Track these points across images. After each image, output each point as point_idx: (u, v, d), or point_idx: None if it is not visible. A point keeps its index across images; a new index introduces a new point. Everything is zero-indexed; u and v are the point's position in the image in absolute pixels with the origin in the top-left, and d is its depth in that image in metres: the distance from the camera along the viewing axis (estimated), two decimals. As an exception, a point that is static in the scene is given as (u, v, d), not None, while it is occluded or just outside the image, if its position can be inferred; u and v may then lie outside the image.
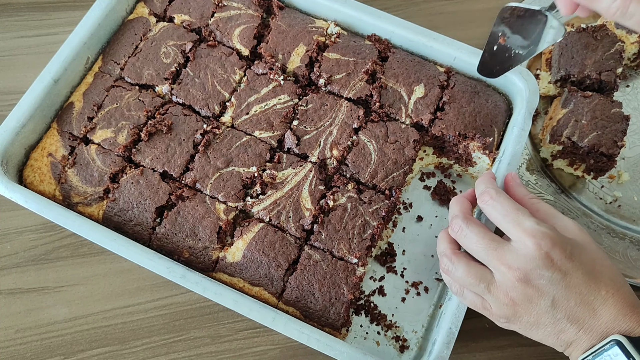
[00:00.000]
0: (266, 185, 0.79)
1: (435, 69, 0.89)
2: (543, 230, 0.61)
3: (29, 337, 0.82)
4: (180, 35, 0.89)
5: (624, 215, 0.90)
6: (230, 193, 0.79)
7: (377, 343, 0.80)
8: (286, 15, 0.91)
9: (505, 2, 1.05)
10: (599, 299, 0.61)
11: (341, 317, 0.74)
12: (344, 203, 0.79)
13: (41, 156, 0.81)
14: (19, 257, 0.87)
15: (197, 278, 0.72)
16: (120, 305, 0.84)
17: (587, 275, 0.61)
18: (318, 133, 0.83)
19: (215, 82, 0.86)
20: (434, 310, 0.81)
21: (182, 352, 0.82)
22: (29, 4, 1.05)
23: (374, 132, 0.83)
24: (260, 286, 0.76)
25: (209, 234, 0.77)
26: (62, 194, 0.80)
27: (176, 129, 0.82)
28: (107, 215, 0.79)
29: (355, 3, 0.89)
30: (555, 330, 0.62)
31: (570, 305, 0.61)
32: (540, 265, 0.60)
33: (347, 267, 0.76)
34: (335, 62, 0.87)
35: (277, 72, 0.86)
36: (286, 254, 0.76)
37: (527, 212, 0.64)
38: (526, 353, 0.82)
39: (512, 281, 0.61)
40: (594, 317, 0.60)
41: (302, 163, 0.81)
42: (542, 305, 0.61)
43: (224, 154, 0.81)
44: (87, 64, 0.88)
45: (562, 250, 0.61)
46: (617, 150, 0.85)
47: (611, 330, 0.60)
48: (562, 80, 0.93)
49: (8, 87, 0.98)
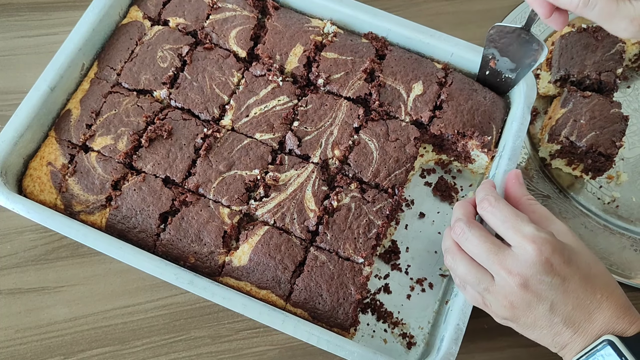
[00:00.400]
0: (269, 188, 0.79)
1: (432, 65, 0.89)
2: (543, 236, 0.63)
3: (29, 337, 0.82)
4: (176, 39, 0.88)
5: (622, 216, 0.91)
6: (233, 197, 0.79)
7: (385, 341, 0.80)
8: (282, 15, 0.91)
9: (501, 4, 1.06)
10: (595, 303, 0.62)
11: (350, 317, 0.75)
12: (348, 203, 0.79)
13: (40, 165, 0.81)
14: (19, 257, 0.86)
15: (205, 284, 0.72)
16: (120, 305, 0.84)
17: (583, 280, 0.63)
18: (319, 133, 0.83)
19: (214, 85, 0.85)
20: (439, 306, 0.82)
21: (182, 352, 0.82)
22: (29, 4, 1.04)
23: (374, 130, 0.83)
24: (268, 289, 0.76)
25: (214, 238, 0.76)
26: (64, 203, 0.79)
27: (176, 134, 0.82)
28: (111, 223, 0.78)
29: (351, 2, 0.89)
30: (552, 333, 0.64)
31: (567, 310, 0.62)
32: (540, 271, 0.62)
33: (354, 267, 0.77)
34: (333, 62, 0.87)
35: (275, 73, 0.86)
36: (292, 256, 0.76)
37: (526, 218, 0.65)
38: (525, 354, 0.83)
39: (511, 286, 0.63)
40: (589, 320, 0.62)
41: (304, 164, 0.81)
42: (540, 310, 0.63)
43: (226, 158, 0.81)
44: (82, 71, 0.87)
45: (561, 256, 0.62)
46: (615, 151, 0.85)
47: (604, 332, 0.61)
48: (561, 80, 0.94)
49: (8, 87, 0.97)
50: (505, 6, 1.06)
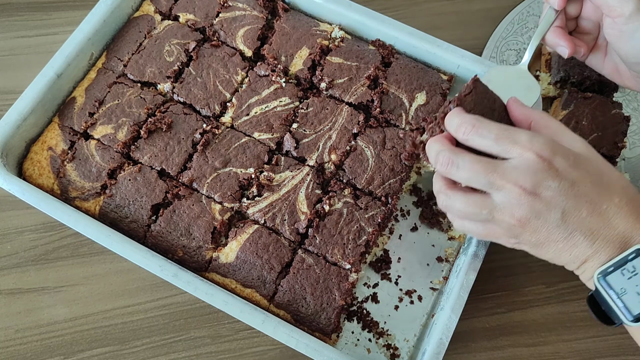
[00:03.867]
0: (263, 187, 0.79)
1: (438, 76, 0.88)
2: (542, 140, 0.57)
3: (29, 337, 0.82)
4: (184, 34, 0.89)
5: None
6: (226, 193, 0.79)
7: (368, 350, 0.79)
8: (291, 17, 0.91)
9: (501, 4, 1.05)
10: (613, 208, 0.56)
11: (332, 323, 0.74)
12: (340, 208, 0.79)
13: (41, 150, 0.82)
14: (19, 257, 0.86)
15: (189, 277, 0.72)
16: (120, 305, 0.84)
17: (596, 184, 0.57)
18: (317, 137, 0.83)
19: (217, 82, 0.86)
20: (427, 319, 0.81)
21: (182, 352, 0.81)
22: (29, 3, 1.05)
23: (371, 137, 0.83)
24: (253, 288, 0.75)
25: (203, 233, 0.77)
26: (60, 188, 0.80)
27: (176, 128, 0.83)
28: (104, 211, 0.79)
29: (359, 7, 0.89)
30: (568, 245, 0.58)
31: (582, 216, 0.56)
32: (545, 177, 0.56)
33: (340, 272, 0.76)
34: (337, 67, 0.87)
35: (279, 74, 0.86)
36: (279, 257, 0.76)
37: (517, 128, 0.60)
38: (526, 353, 0.81)
39: (517, 199, 0.57)
40: (609, 227, 0.56)
41: (299, 166, 0.81)
42: (551, 220, 0.57)
43: (222, 154, 0.81)
44: (91, 60, 0.88)
45: (565, 158, 0.57)
46: (618, 152, 0.84)
47: (630, 239, 0.56)
48: (561, 82, 0.93)
49: (8, 87, 0.97)
50: (505, 6, 1.05)
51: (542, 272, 0.87)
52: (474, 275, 0.74)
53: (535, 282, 0.86)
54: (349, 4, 0.89)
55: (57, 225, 0.88)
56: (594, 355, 0.82)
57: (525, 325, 0.83)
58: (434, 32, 0.88)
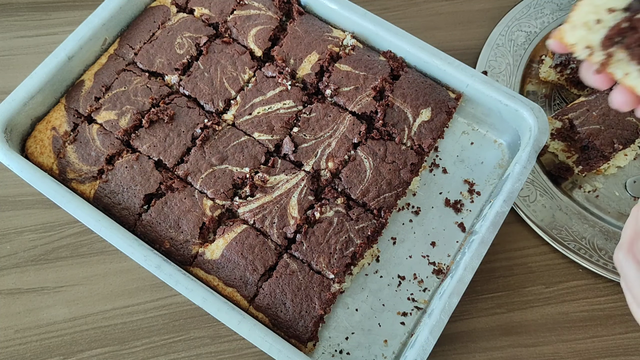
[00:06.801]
0: (256, 188, 0.79)
1: (446, 93, 0.87)
2: None
3: (29, 337, 0.82)
4: (197, 28, 0.89)
5: (600, 206, 0.91)
6: (219, 190, 0.79)
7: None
8: (305, 21, 0.91)
9: (501, 3, 1.05)
10: None
11: (309, 331, 0.73)
12: (331, 217, 0.78)
13: (45, 129, 0.83)
14: (18, 257, 0.87)
15: (171, 270, 0.73)
16: (120, 305, 0.84)
17: None
18: (317, 143, 0.82)
19: (224, 79, 0.86)
20: (407, 337, 0.80)
21: (182, 352, 0.82)
22: (29, 4, 1.06)
23: (372, 149, 0.82)
24: (234, 287, 0.75)
25: (192, 228, 0.77)
26: (59, 168, 0.81)
27: (177, 120, 0.83)
28: (98, 195, 0.80)
29: (374, 17, 0.88)
30: None
31: None
32: None
33: (323, 281, 0.75)
34: (345, 74, 0.86)
35: (285, 77, 0.86)
36: (264, 259, 0.76)
37: None
38: (526, 353, 0.81)
39: None
40: None
41: (295, 171, 0.81)
42: None
43: (220, 151, 0.81)
44: (104, 45, 0.89)
45: None
46: (612, 153, 0.85)
47: None
48: (561, 66, 0.94)
49: (8, 87, 0.97)
50: (505, 6, 1.04)
51: (542, 273, 0.86)
52: (457, 299, 0.72)
53: (535, 283, 0.86)
54: (364, 13, 0.89)
55: (56, 225, 0.89)
56: (594, 356, 0.81)
57: (525, 325, 0.83)
58: (433, 32, 0.88)
